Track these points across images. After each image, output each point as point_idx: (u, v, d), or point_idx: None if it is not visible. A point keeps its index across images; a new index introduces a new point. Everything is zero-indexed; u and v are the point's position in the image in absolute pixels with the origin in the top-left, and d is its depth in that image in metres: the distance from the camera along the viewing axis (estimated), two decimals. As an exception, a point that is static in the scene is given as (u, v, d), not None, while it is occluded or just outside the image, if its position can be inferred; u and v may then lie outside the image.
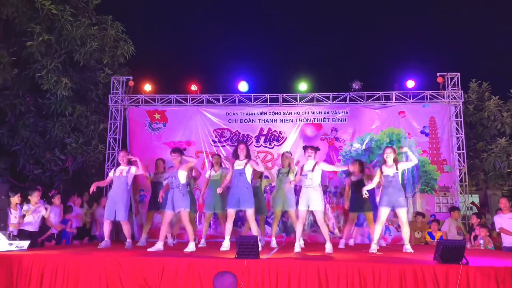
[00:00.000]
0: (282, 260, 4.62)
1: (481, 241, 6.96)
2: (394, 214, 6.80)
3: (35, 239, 6.47)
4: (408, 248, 5.83)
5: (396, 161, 6.00)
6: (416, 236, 8.05)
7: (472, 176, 9.41)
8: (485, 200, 11.81)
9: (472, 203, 9.44)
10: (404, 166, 6.20)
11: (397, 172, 5.91)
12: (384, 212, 5.91)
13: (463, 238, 7.45)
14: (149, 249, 5.73)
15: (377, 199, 7.40)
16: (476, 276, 4.09)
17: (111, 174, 6.66)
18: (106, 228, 6.42)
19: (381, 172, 6.03)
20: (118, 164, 6.80)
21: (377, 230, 6.00)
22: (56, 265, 4.66)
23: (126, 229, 6.42)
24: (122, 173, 6.45)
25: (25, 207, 6.51)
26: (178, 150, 6.25)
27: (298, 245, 5.74)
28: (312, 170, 5.77)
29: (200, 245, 6.75)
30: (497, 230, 6.85)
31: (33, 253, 5.05)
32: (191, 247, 5.74)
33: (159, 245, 5.79)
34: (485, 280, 4.07)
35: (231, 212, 5.96)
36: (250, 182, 6.05)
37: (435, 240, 7.64)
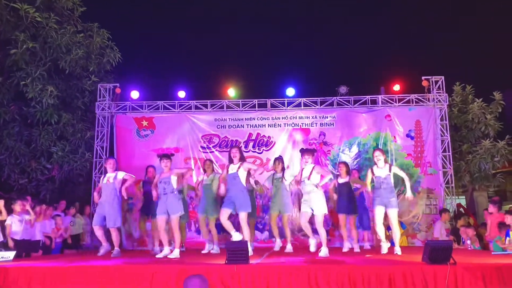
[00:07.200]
0: (272, 265, 4.62)
1: (469, 242, 7.07)
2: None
3: (22, 247, 6.36)
4: (397, 249, 5.84)
5: (387, 162, 5.99)
6: None
7: (458, 178, 9.53)
8: (472, 201, 11.98)
9: (459, 204, 9.56)
10: (397, 171, 6.07)
11: (389, 174, 5.89)
12: (378, 212, 5.84)
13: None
14: (168, 256, 5.69)
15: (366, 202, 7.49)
16: (464, 276, 4.15)
17: (100, 182, 6.67)
18: (99, 234, 6.37)
19: (372, 174, 6.02)
20: (106, 171, 6.75)
21: (380, 231, 5.92)
22: (43, 276, 4.57)
23: (115, 236, 6.36)
24: (109, 180, 6.42)
25: (7, 221, 6.47)
26: (167, 156, 6.19)
27: (325, 251, 5.61)
28: (309, 178, 5.75)
29: (213, 251, 6.61)
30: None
31: (19, 264, 4.95)
32: (175, 253, 5.71)
33: (176, 252, 5.70)
34: (472, 280, 4.13)
35: (225, 210, 5.82)
36: (245, 185, 5.96)
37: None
